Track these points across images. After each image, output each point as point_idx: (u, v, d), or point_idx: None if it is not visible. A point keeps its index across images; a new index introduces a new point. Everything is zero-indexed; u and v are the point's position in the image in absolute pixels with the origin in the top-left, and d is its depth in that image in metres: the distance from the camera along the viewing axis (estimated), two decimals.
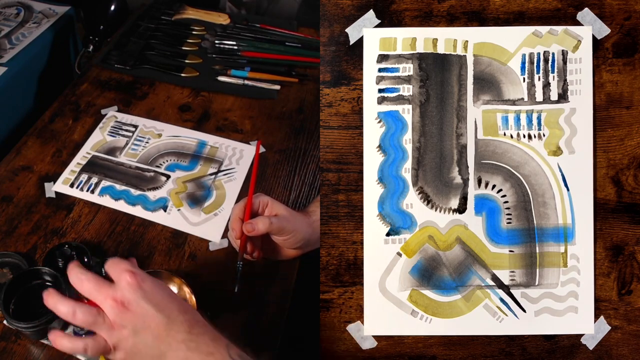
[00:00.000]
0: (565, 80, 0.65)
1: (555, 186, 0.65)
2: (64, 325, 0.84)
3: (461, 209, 0.65)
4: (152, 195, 1.06)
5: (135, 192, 1.05)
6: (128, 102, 1.23)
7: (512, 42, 0.65)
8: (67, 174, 1.08)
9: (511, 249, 0.65)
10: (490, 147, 0.65)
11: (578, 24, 0.65)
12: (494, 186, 0.65)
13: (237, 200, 1.05)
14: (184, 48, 1.37)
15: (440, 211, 0.65)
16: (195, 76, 1.30)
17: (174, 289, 0.88)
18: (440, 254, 0.65)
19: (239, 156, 1.14)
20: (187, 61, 1.33)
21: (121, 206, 1.03)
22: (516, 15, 0.64)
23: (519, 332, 0.65)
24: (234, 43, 1.38)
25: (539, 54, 0.65)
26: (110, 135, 1.16)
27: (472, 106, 0.65)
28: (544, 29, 0.65)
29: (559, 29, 0.65)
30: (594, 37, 0.65)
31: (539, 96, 0.65)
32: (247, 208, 0.81)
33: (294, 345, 0.92)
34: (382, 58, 0.64)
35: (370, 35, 0.64)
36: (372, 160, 0.64)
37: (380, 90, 0.64)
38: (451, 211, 0.65)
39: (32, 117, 1.22)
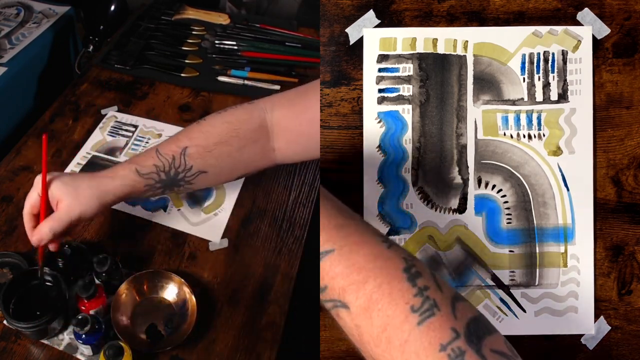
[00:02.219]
0: (565, 80, 0.65)
1: (555, 186, 0.65)
2: (64, 325, 0.84)
3: (461, 209, 0.65)
4: None
5: None
6: (128, 102, 1.23)
7: (512, 42, 0.65)
8: None
9: (511, 249, 0.65)
10: (490, 147, 0.65)
11: (578, 24, 0.65)
12: (494, 186, 0.65)
13: (237, 201, 1.05)
14: (184, 48, 1.37)
15: (440, 211, 0.65)
16: (195, 76, 1.30)
17: (174, 289, 0.88)
18: (440, 254, 0.65)
19: None
20: (187, 61, 1.33)
21: (121, 206, 1.02)
22: (516, 15, 0.64)
23: (519, 332, 0.65)
24: (234, 43, 1.38)
25: (539, 54, 0.65)
26: (110, 135, 1.16)
27: (472, 106, 0.65)
28: (544, 29, 0.65)
29: (559, 29, 0.65)
30: (594, 37, 0.65)
31: (539, 96, 0.65)
32: (43, 207, 0.76)
33: (294, 345, 0.92)
34: (382, 58, 0.64)
35: (370, 35, 0.64)
36: (372, 160, 0.64)
37: (380, 90, 0.64)
38: (451, 211, 0.65)
39: (32, 117, 1.22)
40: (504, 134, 0.65)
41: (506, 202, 0.65)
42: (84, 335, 0.78)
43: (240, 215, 1.03)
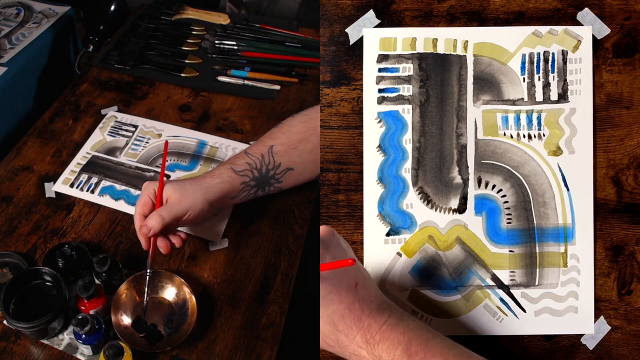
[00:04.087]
0: (565, 80, 0.65)
1: (555, 186, 0.65)
2: (64, 325, 0.84)
3: (461, 209, 0.65)
4: None
5: (135, 192, 1.05)
6: (128, 102, 1.23)
7: (512, 42, 0.65)
8: (67, 174, 1.08)
9: (511, 249, 0.65)
10: (490, 147, 0.65)
11: (578, 24, 0.65)
12: (494, 186, 0.65)
13: None
14: (184, 48, 1.37)
15: (440, 211, 0.65)
16: (195, 76, 1.30)
17: (174, 289, 0.88)
18: (440, 254, 0.65)
19: None
20: (187, 61, 1.33)
21: (121, 206, 1.03)
22: (516, 15, 0.64)
23: (519, 332, 0.65)
24: (234, 43, 1.38)
25: (539, 54, 0.65)
26: (110, 135, 1.16)
27: (472, 106, 0.65)
28: (544, 29, 0.65)
29: (559, 29, 0.65)
30: (594, 37, 0.65)
31: (539, 96, 0.65)
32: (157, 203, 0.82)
33: (294, 345, 0.92)
34: (382, 58, 0.64)
35: (370, 35, 0.64)
36: (372, 160, 0.64)
37: (380, 90, 0.64)
38: (451, 211, 0.65)
39: (32, 117, 1.22)
40: (504, 134, 0.65)
41: (506, 202, 0.65)
42: (84, 335, 0.78)
43: (240, 215, 1.03)
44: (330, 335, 0.53)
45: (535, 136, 0.65)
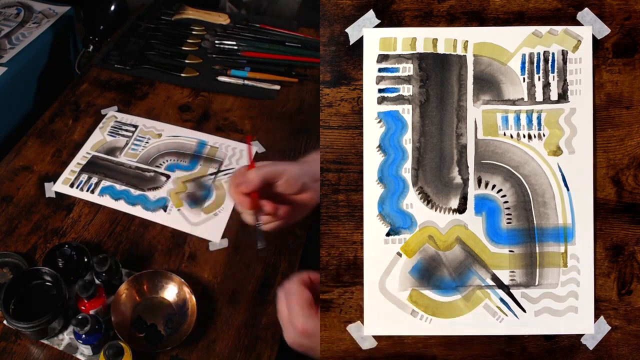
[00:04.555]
0: (565, 80, 0.65)
1: (555, 186, 0.65)
2: (64, 325, 0.84)
3: (461, 209, 0.65)
4: (152, 195, 1.06)
5: (135, 192, 1.05)
6: (128, 102, 1.23)
7: (512, 42, 0.65)
8: (67, 174, 1.08)
9: (511, 249, 0.65)
10: (490, 147, 0.65)
11: (578, 24, 0.65)
12: (494, 186, 0.65)
13: None
14: (184, 48, 1.37)
15: (440, 211, 0.65)
16: (195, 76, 1.30)
17: (174, 289, 0.88)
18: (440, 254, 0.65)
19: (239, 156, 1.15)
20: (187, 61, 1.33)
21: (121, 206, 1.03)
22: (516, 15, 0.64)
23: (519, 332, 0.65)
24: (234, 43, 1.38)
25: (539, 54, 0.65)
26: (110, 135, 1.16)
27: (472, 106, 0.65)
28: (544, 29, 0.65)
29: (559, 29, 0.65)
30: (594, 37, 0.65)
31: (539, 96, 0.65)
32: (250, 166, 0.79)
33: None
34: (382, 58, 0.64)
35: (370, 35, 0.64)
36: (372, 160, 0.64)
37: (380, 90, 0.64)
38: (451, 211, 0.65)
39: (32, 117, 1.22)
40: (504, 134, 0.65)
41: (506, 202, 0.65)
42: (84, 335, 0.78)
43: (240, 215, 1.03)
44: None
45: (535, 136, 0.65)
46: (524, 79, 0.65)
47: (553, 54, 0.65)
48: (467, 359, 0.66)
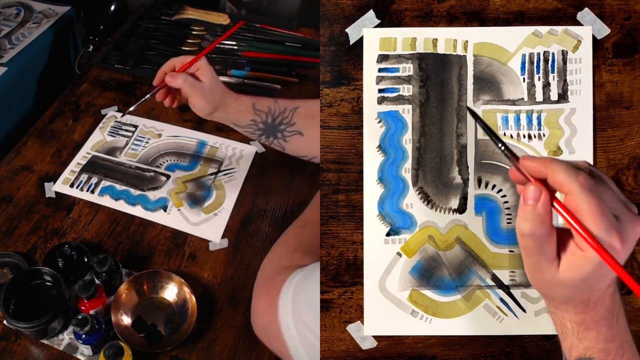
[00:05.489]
0: (565, 80, 0.65)
1: None
2: (64, 325, 0.84)
3: (461, 209, 0.65)
4: (152, 195, 1.06)
5: (135, 192, 1.05)
6: (128, 102, 1.23)
7: (512, 42, 0.65)
8: (67, 174, 1.08)
9: (511, 249, 0.65)
10: (490, 147, 0.65)
11: (578, 24, 0.65)
12: (493, 186, 0.65)
13: (237, 201, 1.05)
14: (184, 48, 1.37)
15: (440, 211, 0.65)
16: None
17: (174, 289, 0.88)
18: (440, 254, 0.65)
19: (239, 156, 1.15)
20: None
21: (121, 206, 1.03)
22: (516, 15, 0.64)
23: (519, 332, 0.65)
24: (234, 43, 1.38)
25: (539, 54, 0.65)
26: (110, 135, 1.16)
27: (472, 106, 0.65)
28: (544, 29, 0.65)
29: (559, 29, 0.65)
30: (594, 37, 0.65)
31: (539, 96, 0.65)
32: (185, 65, 0.91)
33: None
34: (382, 58, 0.64)
35: (370, 35, 0.64)
36: (372, 160, 0.64)
37: (380, 90, 0.64)
38: (451, 211, 0.65)
39: (32, 117, 1.22)
40: (504, 134, 0.65)
41: (506, 202, 0.65)
42: (84, 335, 0.78)
43: (240, 215, 1.03)
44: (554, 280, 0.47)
45: (535, 136, 0.65)
46: (524, 79, 0.65)
47: (553, 54, 0.65)
48: (467, 359, 0.66)
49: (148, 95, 0.92)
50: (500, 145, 0.49)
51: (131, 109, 0.94)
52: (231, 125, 0.96)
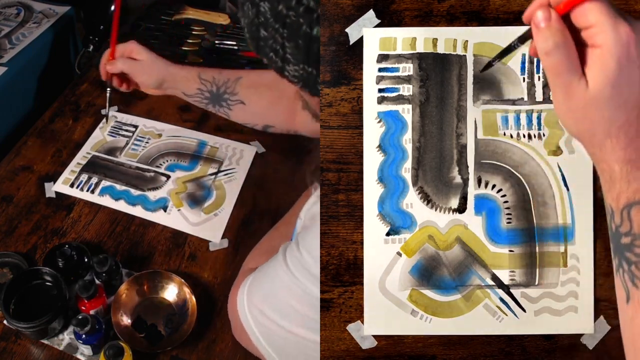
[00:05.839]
0: None
1: (555, 186, 0.65)
2: (64, 325, 0.84)
3: (461, 208, 0.65)
4: (152, 195, 1.06)
5: (135, 192, 1.05)
6: (128, 102, 1.23)
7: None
8: (67, 174, 1.08)
9: (511, 249, 0.65)
10: (490, 147, 0.65)
11: None
12: (493, 186, 0.65)
13: (237, 201, 1.05)
14: (184, 48, 1.37)
15: (440, 211, 0.65)
16: None
17: (174, 289, 0.88)
18: (440, 253, 0.65)
19: (239, 156, 1.15)
20: (187, 61, 1.33)
21: (121, 206, 1.03)
22: (516, 15, 0.64)
23: (519, 331, 0.65)
24: (234, 43, 1.38)
25: None
26: (110, 135, 1.16)
27: (472, 106, 0.65)
28: None
29: None
30: None
31: (539, 96, 0.65)
32: (112, 51, 1.00)
33: None
34: (382, 58, 0.64)
35: (370, 35, 0.64)
36: (372, 160, 0.64)
37: (380, 90, 0.64)
38: (451, 211, 0.65)
39: (32, 117, 1.22)
40: (504, 134, 0.65)
41: (506, 201, 0.65)
42: (84, 335, 0.78)
43: (240, 215, 1.03)
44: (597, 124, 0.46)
45: (535, 136, 0.65)
46: (524, 78, 0.65)
47: None
48: (467, 358, 0.66)
49: (108, 93, 1.03)
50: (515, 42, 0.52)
51: (106, 111, 1.04)
52: (181, 96, 1.02)
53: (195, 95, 1.01)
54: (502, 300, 0.65)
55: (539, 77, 0.65)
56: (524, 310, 0.65)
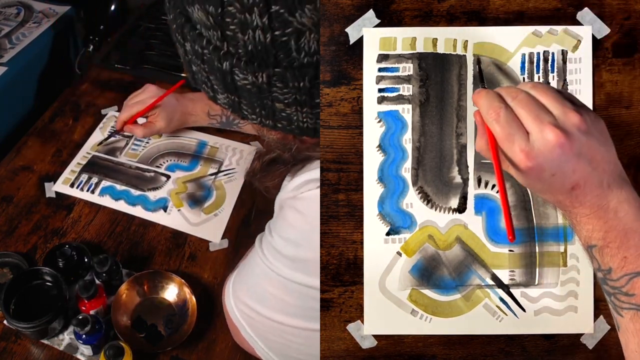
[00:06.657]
0: (565, 80, 0.65)
1: None
2: (64, 325, 0.84)
3: (461, 208, 0.65)
4: (153, 195, 1.06)
5: (135, 192, 1.05)
6: None
7: (512, 41, 0.65)
8: (67, 174, 1.08)
9: (511, 249, 0.65)
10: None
11: (578, 23, 0.65)
12: (493, 186, 0.65)
13: (237, 201, 1.05)
14: None
15: (440, 211, 0.65)
16: None
17: (174, 289, 0.88)
18: (440, 253, 0.65)
19: (239, 156, 1.15)
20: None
21: (121, 206, 1.03)
22: (516, 15, 0.64)
23: (519, 331, 0.65)
24: None
25: (538, 53, 0.65)
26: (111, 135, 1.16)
27: (472, 106, 0.65)
28: (543, 29, 0.65)
29: (559, 28, 0.65)
30: (593, 37, 0.65)
31: None
32: (135, 117, 1.08)
33: None
34: (382, 58, 0.64)
35: (370, 35, 0.64)
36: (372, 159, 0.64)
37: (380, 90, 0.64)
38: (451, 211, 0.65)
39: (32, 117, 1.22)
40: None
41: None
42: (84, 335, 0.78)
43: (240, 215, 1.03)
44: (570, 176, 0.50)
45: None
46: (524, 78, 0.65)
47: (553, 53, 0.65)
48: (466, 358, 0.66)
49: (111, 138, 1.13)
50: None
51: (100, 144, 1.13)
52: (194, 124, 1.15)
53: (206, 126, 1.15)
54: (502, 300, 0.65)
55: (538, 77, 0.65)
56: (523, 310, 0.65)
